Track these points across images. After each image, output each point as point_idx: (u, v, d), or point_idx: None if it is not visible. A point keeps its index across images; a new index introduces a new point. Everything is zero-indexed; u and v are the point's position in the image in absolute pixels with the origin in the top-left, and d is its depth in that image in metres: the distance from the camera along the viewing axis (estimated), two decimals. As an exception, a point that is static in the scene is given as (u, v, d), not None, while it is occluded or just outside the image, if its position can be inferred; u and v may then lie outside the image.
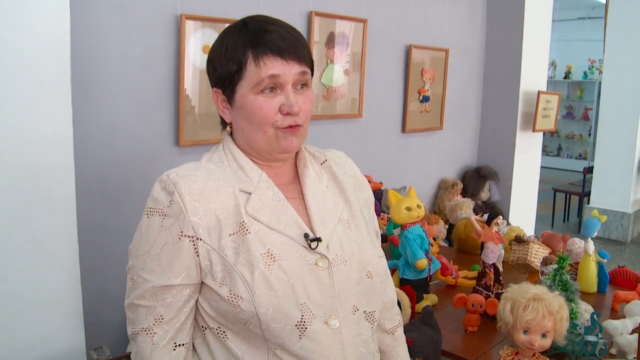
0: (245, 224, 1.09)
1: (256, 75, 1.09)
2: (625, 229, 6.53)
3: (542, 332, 1.63)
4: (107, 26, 2.11)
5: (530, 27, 4.14)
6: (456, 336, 2.09)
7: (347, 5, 3.02)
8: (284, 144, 1.15)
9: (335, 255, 1.15)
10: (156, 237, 1.08)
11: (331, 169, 1.29)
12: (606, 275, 2.52)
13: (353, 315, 1.17)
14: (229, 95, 1.14)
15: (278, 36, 1.11)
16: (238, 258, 1.07)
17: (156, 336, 1.10)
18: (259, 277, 1.06)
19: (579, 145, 12.12)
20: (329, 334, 1.11)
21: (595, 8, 10.11)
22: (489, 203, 4.33)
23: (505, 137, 4.31)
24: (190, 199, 1.07)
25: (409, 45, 3.51)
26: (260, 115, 1.11)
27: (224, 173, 1.14)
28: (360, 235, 1.24)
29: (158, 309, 1.09)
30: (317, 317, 1.10)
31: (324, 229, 1.17)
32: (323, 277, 1.12)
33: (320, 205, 1.20)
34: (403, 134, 3.68)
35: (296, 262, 1.10)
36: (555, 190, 7.43)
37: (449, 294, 2.43)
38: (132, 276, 1.12)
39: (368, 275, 1.20)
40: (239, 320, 1.08)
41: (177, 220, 1.07)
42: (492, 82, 4.32)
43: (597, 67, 11.26)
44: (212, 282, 1.09)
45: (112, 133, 2.19)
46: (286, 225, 1.13)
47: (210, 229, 1.08)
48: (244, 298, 1.05)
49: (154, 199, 1.11)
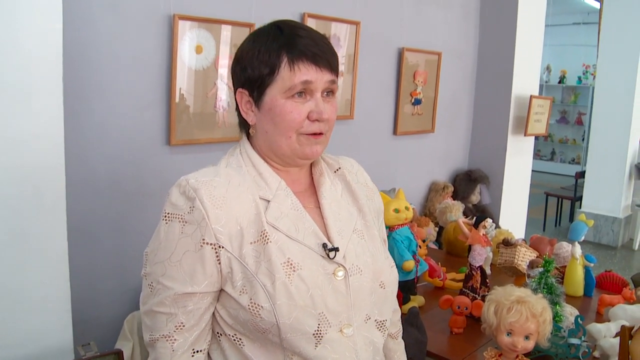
0: (266, 233, 1.09)
1: (289, 79, 1.10)
2: (615, 234, 6.56)
3: (525, 334, 1.65)
4: (100, 25, 2.11)
5: (523, 32, 4.15)
6: (442, 337, 2.10)
7: (340, 7, 3.03)
8: (308, 150, 1.15)
9: (352, 265, 1.16)
10: (177, 243, 1.07)
11: (345, 177, 1.30)
12: (592, 279, 2.54)
13: (365, 323, 1.18)
14: (257, 97, 1.13)
15: (313, 42, 1.12)
16: (259, 267, 1.07)
17: (176, 343, 1.09)
18: (280, 287, 1.06)
19: (572, 150, 12.17)
20: (344, 342, 1.12)
21: (590, 13, 10.16)
22: (479, 206, 4.34)
23: (496, 141, 4.33)
24: (212, 205, 1.06)
25: (402, 48, 3.52)
26: (288, 119, 1.11)
27: (244, 179, 1.14)
28: (374, 245, 1.26)
29: (179, 316, 1.09)
30: (333, 326, 1.11)
31: (341, 239, 1.17)
32: (340, 287, 1.13)
33: (336, 215, 1.21)
34: (394, 136, 3.69)
35: (315, 272, 1.11)
36: (547, 194, 7.46)
37: (436, 296, 2.44)
38: (151, 282, 1.11)
39: (381, 285, 1.22)
40: (258, 329, 1.08)
41: (199, 227, 1.06)
42: (484, 86, 4.33)
43: (592, 72, 11.31)
44: (231, 290, 1.08)
45: (104, 132, 2.19)
46: (305, 235, 1.13)
47: (232, 237, 1.07)
48: (264, 307, 1.05)
49: (172, 204, 1.09)
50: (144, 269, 1.14)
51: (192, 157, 2.44)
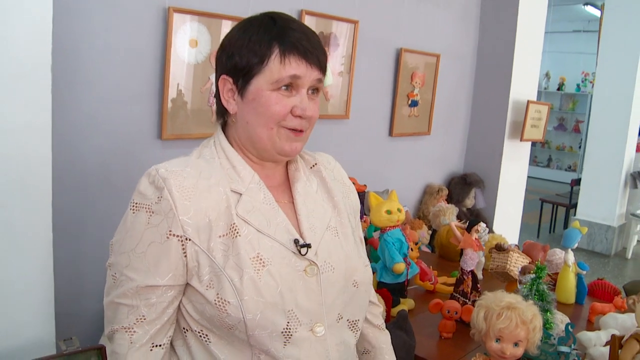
0: (236, 226, 1.06)
1: (278, 72, 1.08)
2: (609, 242, 6.56)
3: (514, 341, 1.62)
4: (93, 16, 2.08)
5: (522, 37, 4.14)
6: (431, 342, 2.07)
7: (339, 5, 3.00)
8: (287, 147, 1.14)
9: (324, 262, 1.14)
10: (142, 234, 1.04)
11: (321, 173, 1.28)
12: (584, 286, 2.52)
13: (337, 323, 1.16)
14: (242, 86, 1.11)
15: (305, 37, 1.10)
16: (227, 261, 1.04)
17: (135, 335, 1.06)
18: (248, 282, 1.03)
19: (569, 157, 12.19)
20: (314, 341, 1.10)
21: (590, 21, 10.17)
22: (473, 210, 4.33)
23: (492, 145, 4.31)
24: (181, 196, 1.04)
25: (400, 49, 3.49)
26: (272, 111, 1.09)
27: (215, 171, 1.11)
28: (348, 243, 1.24)
29: (141, 309, 1.05)
30: (303, 324, 1.08)
31: (313, 235, 1.15)
32: (311, 284, 1.11)
33: (309, 211, 1.19)
34: (390, 137, 3.67)
35: (285, 268, 1.08)
36: (542, 200, 7.47)
37: (427, 300, 2.42)
38: (114, 273, 1.08)
39: (354, 284, 1.19)
40: (225, 325, 1.05)
41: (166, 218, 1.03)
42: (482, 90, 4.31)
43: (590, 80, 11.34)
44: (198, 284, 1.05)
45: (93, 124, 2.15)
46: (276, 230, 1.11)
47: (200, 229, 1.05)
48: (231, 303, 1.03)
49: (140, 193, 1.06)
50: (109, 260, 1.11)
51: (184, 152, 2.38)
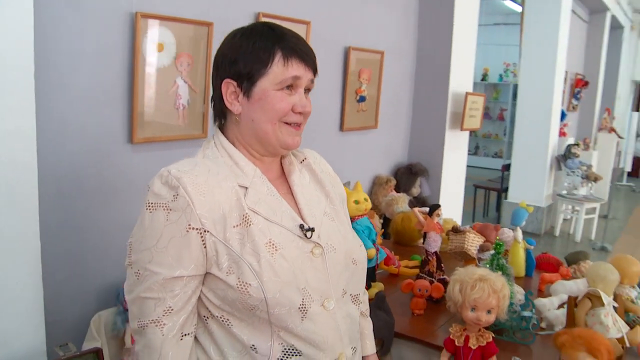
0: (248, 216, 1.17)
1: (282, 74, 1.20)
2: (539, 222, 6.99)
3: (487, 309, 1.81)
4: (62, 21, 2.10)
5: (459, 32, 4.38)
6: (405, 319, 2.24)
7: (292, 7, 3.12)
8: (290, 140, 1.26)
9: (326, 244, 1.26)
10: (162, 231, 1.12)
11: (310, 166, 1.41)
12: (533, 260, 2.76)
13: (342, 297, 1.29)
14: (247, 88, 1.21)
15: (301, 42, 1.23)
16: (244, 248, 1.14)
17: (165, 327, 1.14)
18: (266, 265, 1.14)
19: (495, 144, 12.80)
20: (326, 315, 1.22)
21: (509, 15, 10.71)
22: (420, 198, 4.54)
23: (435, 136, 4.54)
24: (196, 192, 1.13)
25: (348, 47, 3.65)
26: (277, 108, 1.21)
27: (221, 168, 1.21)
28: (344, 227, 1.37)
29: (167, 300, 1.13)
30: (315, 300, 1.20)
31: (314, 221, 1.27)
32: (318, 264, 1.23)
33: (307, 200, 1.31)
34: (341, 132, 3.82)
35: (295, 251, 1.20)
36: (476, 186, 7.84)
37: (392, 283, 2.60)
38: (137, 270, 1.15)
39: (353, 262, 1.33)
40: (247, 306, 1.15)
41: (184, 213, 1.12)
42: (423, 84, 4.54)
43: (512, 70, 11.95)
44: (218, 272, 1.15)
45: (65, 129, 2.17)
46: (282, 218, 1.22)
47: (216, 221, 1.14)
48: (252, 285, 1.13)
49: (155, 194, 1.14)
50: (128, 259, 1.18)
51: (154, 155, 2.47)
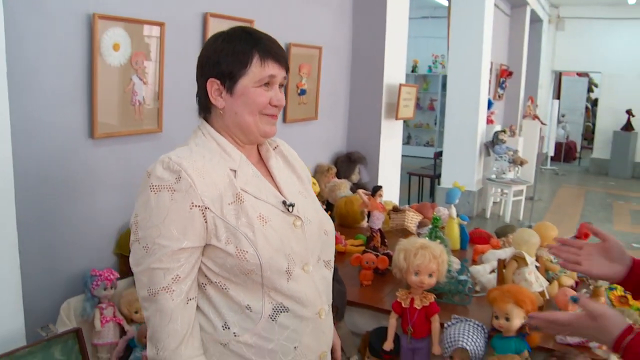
0: (240, 195, 1.36)
1: (260, 73, 1.38)
2: (471, 205, 7.41)
3: (429, 273, 2.07)
4: (22, 23, 2.18)
5: (391, 27, 4.62)
6: (355, 290, 2.48)
7: (236, 7, 3.26)
8: (268, 129, 1.45)
9: (304, 217, 1.47)
10: (168, 209, 1.29)
11: (282, 152, 1.61)
12: (466, 234, 3.06)
13: (317, 263, 1.50)
14: (230, 86, 1.39)
15: (275, 45, 1.42)
16: (239, 221, 1.34)
17: (175, 293, 1.31)
18: (259, 234, 1.34)
19: (427, 134, 13.31)
20: (306, 277, 1.43)
21: (436, 8, 11.15)
22: (359, 184, 4.77)
23: (371, 125, 4.77)
24: (196, 175, 1.31)
25: (289, 43, 3.84)
26: (258, 102, 1.40)
27: (213, 154, 1.40)
28: (315, 203, 1.59)
29: (175, 270, 1.31)
30: (297, 264, 1.41)
31: (292, 198, 1.48)
32: (299, 234, 1.43)
33: (284, 181, 1.51)
34: (284, 123, 4.01)
35: (280, 223, 1.40)
36: (410, 174, 8.20)
37: (341, 259, 2.84)
38: (146, 244, 1.31)
39: (325, 233, 1.54)
40: (243, 271, 1.34)
41: (187, 194, 1.29)
42: (358, 76, 4.77)
43: (440, 61, 12.45)
44: (217, 243, 1.33)
45: (33, 127, 2.25)
46: (267, 195, 1.42)
47: (214, 200, 1.33)
48: (249, 252, 1.32)
49: (158, 177, 1.31)
50: (134, 236, 1.35)
51: (114, 149, 2.59)
